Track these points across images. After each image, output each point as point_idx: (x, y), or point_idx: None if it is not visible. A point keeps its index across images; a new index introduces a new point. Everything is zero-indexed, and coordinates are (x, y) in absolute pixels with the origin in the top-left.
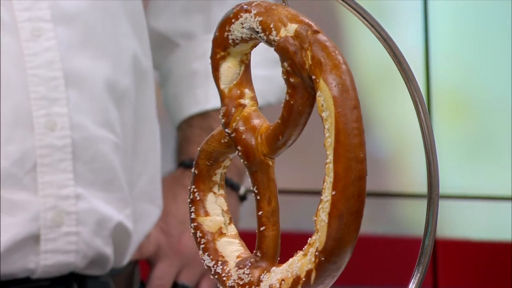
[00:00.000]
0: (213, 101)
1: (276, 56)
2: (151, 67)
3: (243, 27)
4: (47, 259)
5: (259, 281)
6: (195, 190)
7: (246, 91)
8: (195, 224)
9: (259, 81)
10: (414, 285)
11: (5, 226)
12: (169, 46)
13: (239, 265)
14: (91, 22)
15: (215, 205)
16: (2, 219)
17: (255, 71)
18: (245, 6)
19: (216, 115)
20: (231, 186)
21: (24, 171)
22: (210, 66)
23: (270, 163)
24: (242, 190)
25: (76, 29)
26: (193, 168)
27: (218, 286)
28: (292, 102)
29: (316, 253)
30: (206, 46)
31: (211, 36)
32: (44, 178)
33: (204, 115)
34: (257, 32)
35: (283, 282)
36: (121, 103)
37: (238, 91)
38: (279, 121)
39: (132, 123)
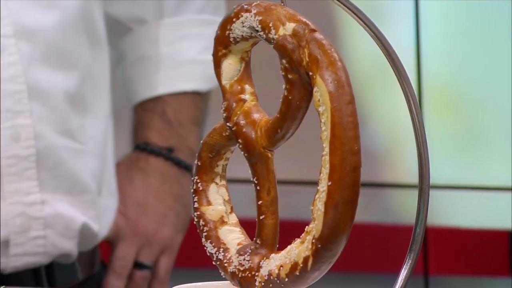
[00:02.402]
0: (164, 86)
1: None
2: (107, 72)
3: (243, 26)
4: (16, 261)
5: (259, 267)
6: (198, 180)
7: (247, 87)
8: (198, 213)
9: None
10: (405, 271)
11: None
12: (122, 30)
13: (239, 252)
14: (50, 37)
15: (217, 195)
16: None
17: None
18: (245, 6)
19: (169, 99)
20: (185, 167)
21: None
22: (161, 51)
23: (269, 155)
24: None
25: (37, 43)
26: (196, 160)
27: (220, 272)
28: (290, 98)
29: (313, 241)
30: (157, 31)
31: (162, 22)
32: (10, 186)
33: (157, 99)
34: (257, 31)
35: (281, 268)
36: (80, 110)
37: (239, 87)
38: (278, 116)
39: (92, 128)
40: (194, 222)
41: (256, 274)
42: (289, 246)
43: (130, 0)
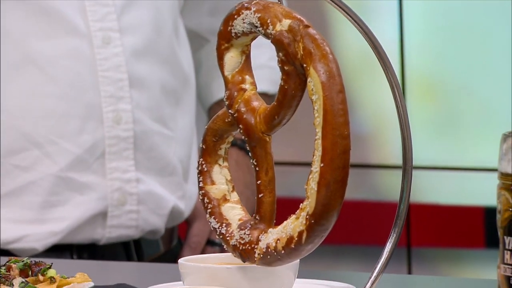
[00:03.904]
0: None
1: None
2: (192, 69)
3: (244, 22)
4: (111, 233)
5: (258, 240)
6: (203, 162)
7: (247, 77)
8: (203, 191)
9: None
10: (391, 244)
11: (77, 204)
12: (199, 41)
13: (240, 227)
14: (150, 33)
15: (220, 175)
16: (74, 198)
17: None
18: (246, 4)
19: None
20: None
21: (94, 158)
22: None
23: (267, 139)
24: None
25: (138, 38)
26: (201, 144)
27: (223, 244)
28: (286, 87)
29: (307, 217)
30: None
31: None
32: (111, 164)
33: None
34: (256, 27)
35: (278, 241)
36: (172, 101)
37: (240, 77)
38: (275, 103)
39: (182, 119)
40: (199, 200)
41: (256, 247)
42: (285, 222)
43: (206, 15)
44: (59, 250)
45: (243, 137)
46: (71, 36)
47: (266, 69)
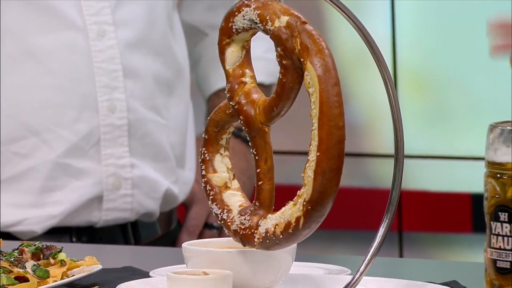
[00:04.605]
0: None
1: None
2: (187, 61)
3: (244, 19)
4: (107, 215)
5: (258, 225)
6: (205, 152)
7: (247, 71)
8: (205, 179)
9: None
10: (383, 228)
11: (73, 188)
12: (198, 35)
13: (241, 213)
14: (143, 27)
15: (222, 164)
16: (71, 182)
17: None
18: (246, 1)
19: None
20: None
21: (89, 145)
22: None
23: (267, 129)
24: None
25: (132, 32)
26: (203, 134)
27: (224, 229)
28: (284, 80)
29: (304, 203)
30: None
31: None
32: (106, 150)
33: None
34: (256, 23)
35: (277, 226)
36: (166, 91)
37: (240, 71)
38: (274, 96)
39: (175, 108)
40: (202, 187)
41: (255, 231)
42: (283, 208)
43: (205, 10)
44: (59, 232)
45: (243, 127)
46: (67, 30)
47: (262, 61)
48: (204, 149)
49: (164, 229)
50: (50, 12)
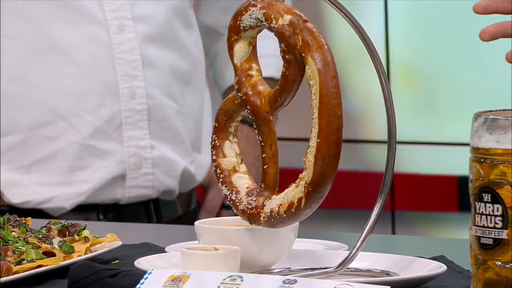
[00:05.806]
0: None
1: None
2: (202, 56)
3: (251, 17)
4: (131, 192)
5: (263, 205)
6: (215, 138)
7: (254, 65)
8: (216, 163)
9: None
10: (377, 208)
11: (98, 168)
12: (215, 35)
13: (248, 194)
14: (159, 23)
15: (231, 150)
16: (96, 162)
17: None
18: (252, 1)
19: None
20: None
21: (112, 128)
22: None
23: (271, 118)
24: None
25: (149, 26)
26: (214, 122)
27: (233, 209)
28: (287, 73)
29: (305, 185)
30: None
31: None
32: (128, 133)
33: None
34: (262, 21)
35: (280, 206)
36: (181, 81)
37: (247, 65)
38: (278, 88)
39: (190, 96)
40: (213, 171)
41: (261, 211)
42: (286, 189)
43: (221, 12)
44: (87, 209)
45: (250, 116)
46: (90, 24)
47: (272, 58)
48: (214, 136)
49: (184, 209)
50: (74, 8)
